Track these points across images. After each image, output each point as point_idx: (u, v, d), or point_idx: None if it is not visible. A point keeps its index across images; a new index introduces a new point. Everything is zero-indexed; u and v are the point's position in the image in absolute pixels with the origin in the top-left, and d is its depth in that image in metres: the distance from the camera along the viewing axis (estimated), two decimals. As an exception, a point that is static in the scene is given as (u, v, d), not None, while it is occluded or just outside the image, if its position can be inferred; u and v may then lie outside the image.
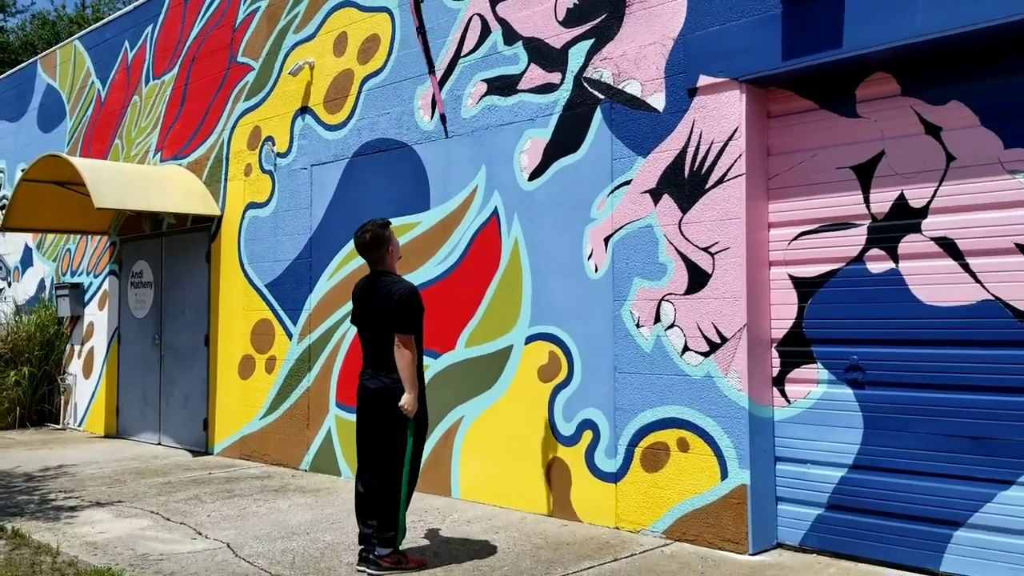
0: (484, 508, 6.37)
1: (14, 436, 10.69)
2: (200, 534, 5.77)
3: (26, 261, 12.98)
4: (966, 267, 4.60)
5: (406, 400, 4.89)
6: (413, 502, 6.51)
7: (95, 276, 11.30)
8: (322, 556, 5.20)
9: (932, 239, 4.71)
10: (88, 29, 12.26)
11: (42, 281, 12.52)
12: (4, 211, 12.73)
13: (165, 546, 5.47)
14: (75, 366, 11.56)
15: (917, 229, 4.76)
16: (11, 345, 11.50)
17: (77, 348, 11.55)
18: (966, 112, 4.61)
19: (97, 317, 11.18)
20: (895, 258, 4.84)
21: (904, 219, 4.81)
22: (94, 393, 11.09)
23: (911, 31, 4.50)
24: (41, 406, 11.75)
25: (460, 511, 6.30)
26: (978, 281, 4.56)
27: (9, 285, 13.34)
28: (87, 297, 11.42)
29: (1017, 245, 4.44)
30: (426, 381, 6.91)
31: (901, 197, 4.82)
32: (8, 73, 14.28)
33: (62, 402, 11.63)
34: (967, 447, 4.57)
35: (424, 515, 6.17)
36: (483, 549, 5.29)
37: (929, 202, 4.73)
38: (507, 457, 6.38)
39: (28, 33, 23.62)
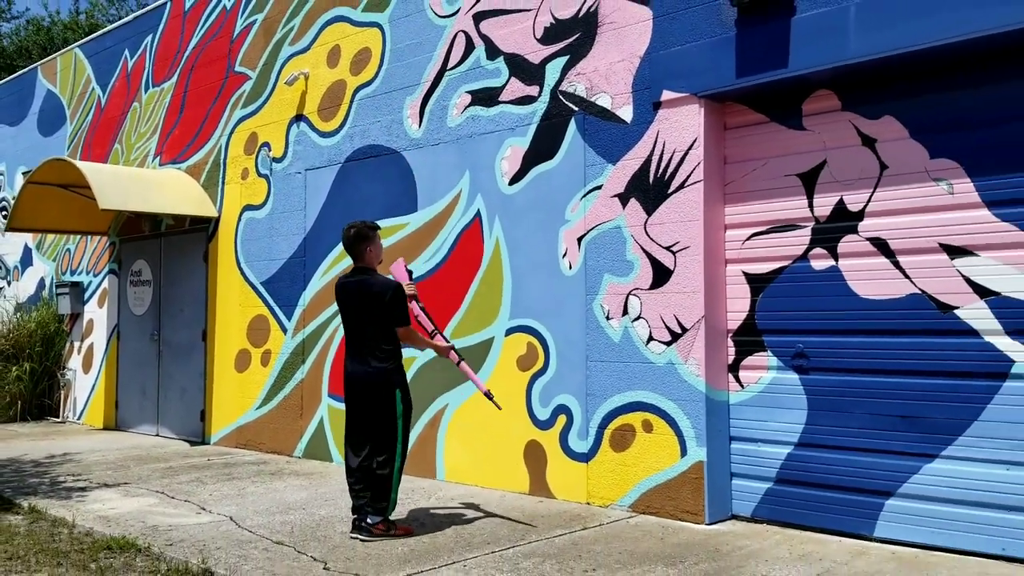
0: (467, 488, 6.87)
1: (16, 428, 11.11)
2: (204, 509, 6.26)
3: (26, 261, 13.40)
4: (897, 264, 5.15)
5: (447, 350, 5.79)
6: (402, 483, 7.04)
7: (95, 275, 11.75)
8: (318, 527, 5.70)
9: (867, 239, 5.26)
10: (89, 38, 12.72)
11: (42, 280, 12.95)
12: (3, 212, 13.19)
13: (172, 519, 5.96)
14: (75, 361, 12.00)
15: (854, 230, 5.31)
16: (13, 341, 11.94)
17: (77, 344, 11.99)
18: (897, 126, 5.17)
19: (97, 314, 11.63)
20: (835, 256, 5.39)
21: (843, 221, 5.36)
22: (93, 387, 11.53)
23: (846, 54, 5.06)
24: (41, 400, 12.18)
25: (445, 490, 6.81)
26: (907, 277, 5.11)
27: (8, 284, 13.75)
28: (87, 295, 11.87)
29: (941, 244, 4.99)
30: (414, 370, 7.46)
31: (840, 202, 5.37)
32: (9, 79, 14.70)
33: (62, 396, 12.07)
34: (897, 425, 5.12)
35: (412, 494, 6.66)
36: (465, 521, 5.80)
37: (865, 206, 5.28)
38: (488, 441, 6.89)
39: (23, 38, 23.98)
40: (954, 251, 4.94)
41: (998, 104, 4.83)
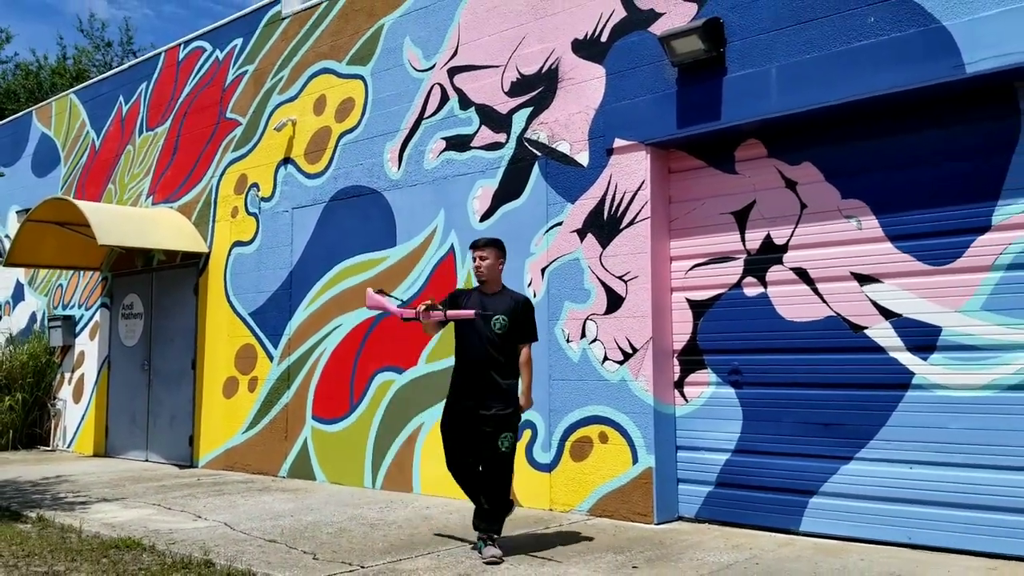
0: (441, 499, 7.49)
1: (7, 456, 11.57)
2: (200, 517, 6.83)
3: (17, 296, 13.93)
4: (816, 290, 5.90)
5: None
6: (378, 495, 7.65)
7: (86, 309, 12.31)
8: (305, 529, 6.30)
9: (791, 269, 6.02)
10: (83, 84, 13.42)
11: (34, 314, 13.48)
12: None
13: (172, 525, 6.53)
14: (65, 392, 12.51)
15: (780, 261, 6.07)
16: (5, 373, 12.43)
17: (68, 375, 12.51)
18: (814, 171, 5.96)
19: (88, 347, 12.18)
20: (764, 284, 6.14)
21: (770, 253, 6.12)
22: (83, 416, 12.04)
23: (770, 109, 5.85)
24: (32, 430, 12.65)
25: (420, 501, 7.42)
26: (824, 301, 5.86)
27: (0, 319, 14.25)
28: (78, 328, 12.42)
29: (852, 273, 5.76)
30: (392, 392, 8.13)
31: (768, 236, 6.14)
32: (4, 122, 15.33)
33: (52, 425, 12.55)
34: (819, 431, 5.83)
35: (390, 504, 7.27)
36: (440, 525, 6.42)
37: (788, 240, 6.04)
38: (461, 455, 7.51)
39: (11, 82, 24.62)
40: (863, 279, 5.70)
41: (895, 152, 5.64)
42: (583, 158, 6.90)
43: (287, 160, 9.44)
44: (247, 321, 9.75)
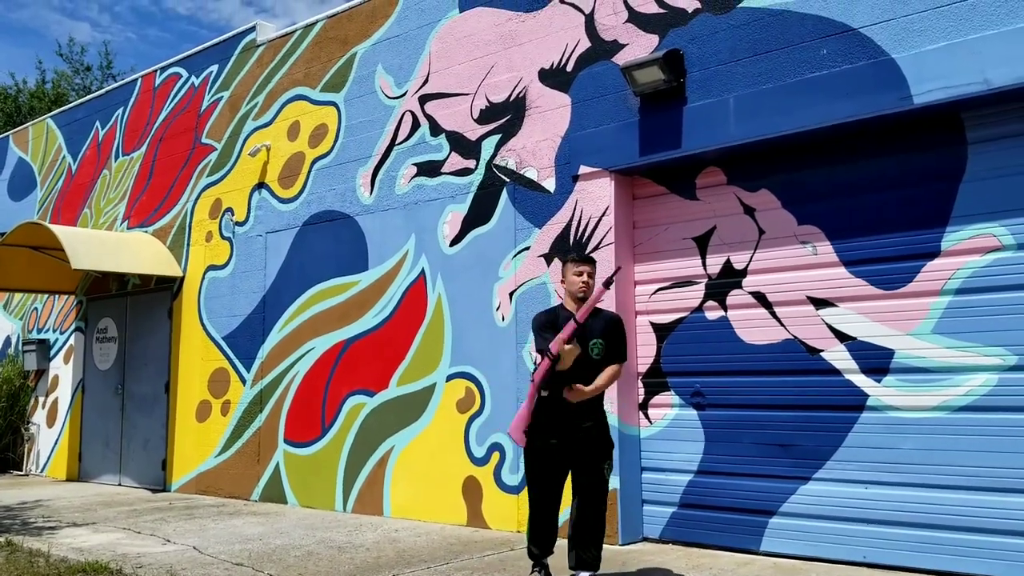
0: (411, 522, 7.54)
1: (-21, 481, 11.53)
2: (169, 541, 6.86)
3: (-8, 320, 13.89)
4: (774, 314, 6.04)
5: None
6: (348, 518, 7.69)
7: (61, 333, 12.31)
8: (273, 552, 6.34)
9: (750, 293, 6.16)
10: (61, 109, 13.48)
11: (8, 338, 13.44)
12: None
13: (140, 549, 6.55)
14: (39, 416, 12.47)
15: (739, 285, 6.21)
16: (-22, 397, 12.39)
17: (41, 399, 12.48)
18: (771, 197, 6.11)
19: (62, 370, 12.16)
20: (724, 308, 6.27)
21: (730, 278, 6.26)
22: (57, 441, 12.00)
23: (728, 137, 6.02)
24: (4, 454, 12.59)
25: (390, 524, 7.47)
26: (782, 325, 6.00)
27: (-26, 342, 14.19)
28: (53, 352, 12.41)
29: (808, 297, 5.90)
30: (363, 415, 8.21)
31: (728, 261, 6.28)
32: (-21, 146, 15.33)
33: (26, 450, 12.50)
34: (777, 452, 5.95)
35: (359, 528, 7.32)
36: (407, 548, 6.48)
37: (747, 265, 6.19)
38: (430, 478, 7.59)
39: (-11, 105, 24.63)
40: (819, 303, 5.85)
41: (848, 180, 5.81)
42: (550, 184, 7.03)
43: (261, 185, 9.54)
44: (220, 345, 9.79)
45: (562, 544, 5.16)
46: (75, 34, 50.62)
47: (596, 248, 6.66)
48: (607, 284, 4.89)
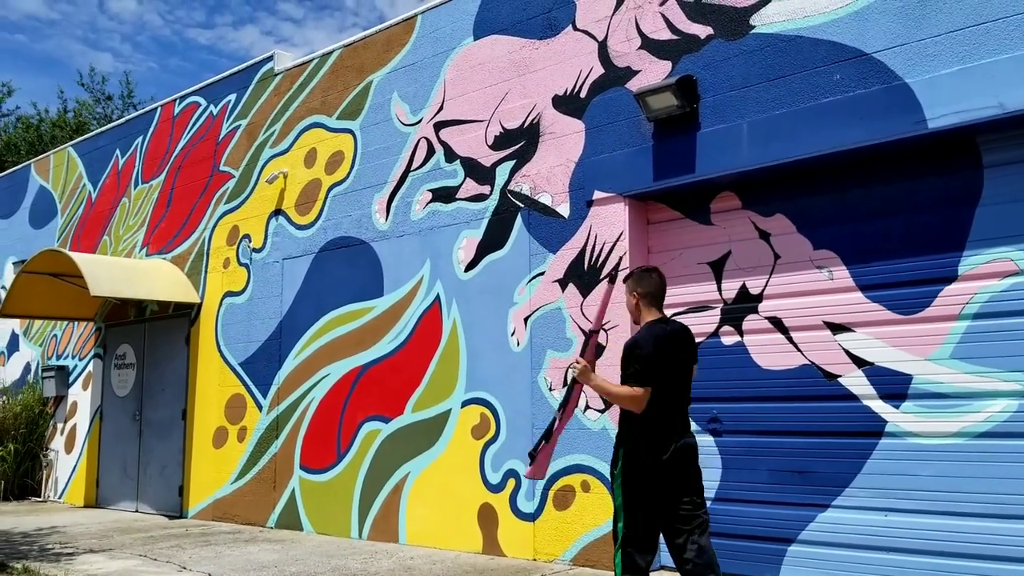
0: (426, 550, 7.50)
1: (-2, 507, 11.58)
2: (185, 568, 6.85)
3: (12, 346, 14.02)
4: (790, 339, 6.00)
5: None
6: (364, 545, 7.65)
7: (80, 359, 12.40)
8: (288, 580, 6.32)
9: (766, 318, 6.13)
10: (82, 138, 13.67)
11: (28, 365, 13.55)
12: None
13: (156, 576, 6.56)
14: (57, 442, 12.54)
15: (755, 310, 6.19)
16: (-2, 423, 12.49)
17: (60, 426, 12.55)
18: (786, 222, 6.10)
19: (81, 397, 12.24)
20: (741, 333, 6.24)
21: (746, 303, 6.23)
22: (75, 467, 12.05)
23: (742, 162, 6.01)
24: (23, 480, 12.65)
25: (405, 552, 7.44)
26: (799, 350, 5.96)
27: (-6, 369, 14.33)
28: (71, 378, 12.49)
29: (825, 322, 5.86)
30: (379, 441, 8.20)
31: (743, 286, 6.26)
32: (2, 175, 15.56)
33: (44, 476, 12.56)
34: (795, 479, 5.89)
35: (374, 555, 7.29)
36: (421, 573, 6.44)
37: (763, 290, 6.16)
38: (446, 505, 7.56)
39: (12, 135, 24.98)
40: (836, 328, 5.81)
41: (864, 204, 5.78)
42: (564, 209, 7.05)
43: (278, 212, 9.61)
44: (237, 371, 9.83)
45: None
46: (98, 64, 51.45)
47: (611, 273, 6.65)
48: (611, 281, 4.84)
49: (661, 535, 4.50)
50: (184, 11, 46.95)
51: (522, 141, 7.43)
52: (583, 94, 7.03)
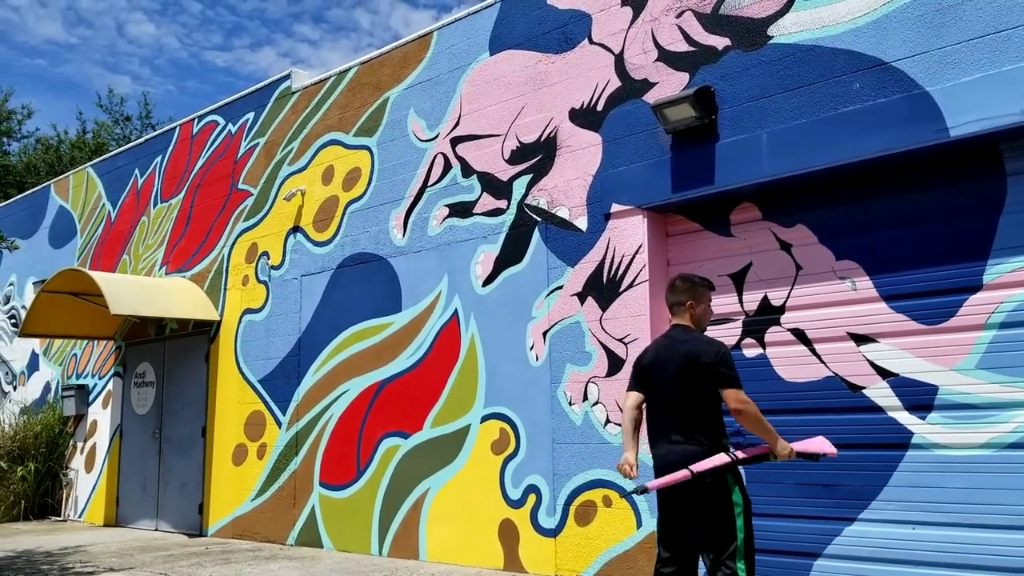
0: (447, 566, 7.46)
1: (19, 527, 11.60)
2: (205, 586, 6.84)
3: (32, 366, 14.10)
4: (814, 351, 5.94)
5: (781, 449, 4.50)
6: (384, 562, 7.61)
7: (100, 378, 12.45)
8: (309, 597, 6.29)
9: (789, 330, 6.07)
10: (101, 158, 13.79)
11: (47, 384, 13.62)
12: (12, 320, 13.95)
13: (177, 594, 6.54)
14: (77, 462, 12.57)
15: (777, 322, 6.13)
16: (19, 443, 12.52)
17: (80, 445, 12.59)
18: (808, 233, 6.05)
19: (100, 416, 12.28)
20: (763, 345, 6.19)
21: (768, 315, 6.18)
22: (95, 487, 12.08)
23: (762, 173, 5.98)
24: (43, 499, 12.69)
25: (426, 569, 7.39)
26: (822, 361, 5.90)
27: (15, 389, 14.41)
28: (91, 397, 12.54)
29: (848, 333, 5.80)
30: (397, 458, 8.18)
31: (765, 298, 6.21)
32: (22, 196, 15.71)
33: (64, 496, 12.59)
34: (821, 493, 5.81)
35: (395, 572, 7.24)
36: (443, 591, 6.40)
37: (785, 301, 6.11)
38: (466, 521, 7.51)
39: (32, 156, 25.24)
40: (860, 339, 5.75)
41: (886, 214, 5.73)
42: (582, 223, 7.03)
43: (296, 229, 9.64)
44: (256, 388, 9.84)
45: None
46: (116, 87, 52.05)
47: (631, 286, 6.62)
48: None
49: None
50: (202, 34, 47.48)
51: (539, 155, 7.43)
52: (600, 107, 7.02)
